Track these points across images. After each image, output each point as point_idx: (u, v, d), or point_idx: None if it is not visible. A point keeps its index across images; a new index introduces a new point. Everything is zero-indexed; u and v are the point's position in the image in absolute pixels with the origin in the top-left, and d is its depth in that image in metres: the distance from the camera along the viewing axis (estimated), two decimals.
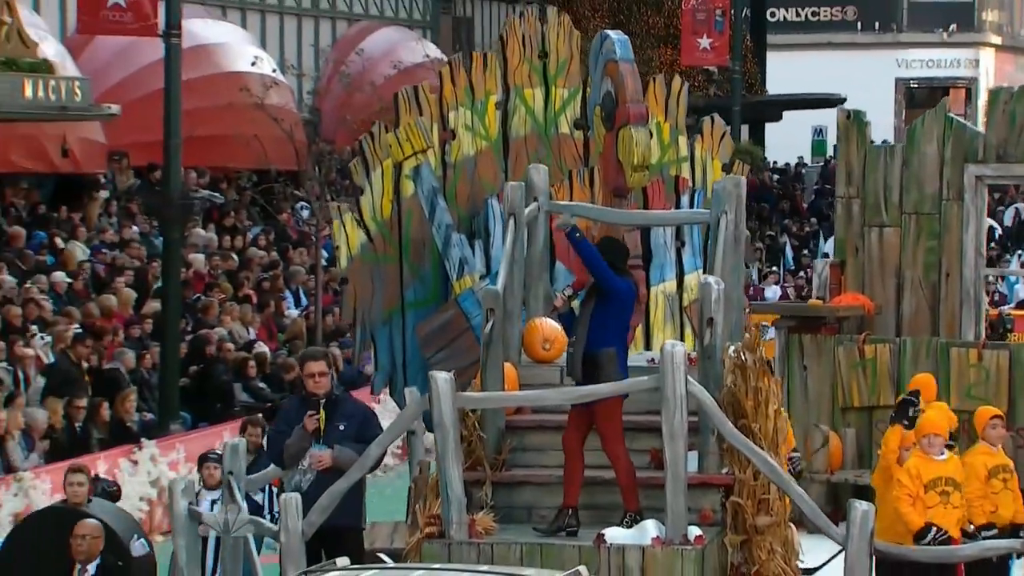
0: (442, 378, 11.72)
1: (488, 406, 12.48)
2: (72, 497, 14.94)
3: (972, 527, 13.74)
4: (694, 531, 11.65)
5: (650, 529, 11.66)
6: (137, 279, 28.07)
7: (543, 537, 12.02)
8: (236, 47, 32.82)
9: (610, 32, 13.61)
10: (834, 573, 13.26)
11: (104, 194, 30.84)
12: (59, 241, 28.59)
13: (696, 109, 41.91)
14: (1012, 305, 32.24)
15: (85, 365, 24.23)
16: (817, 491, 17.03)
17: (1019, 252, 39.71)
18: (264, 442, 16.54)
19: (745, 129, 44.04)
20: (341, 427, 12.98)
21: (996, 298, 32.83)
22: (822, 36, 55.78)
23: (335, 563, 11.03)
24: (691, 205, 15.19)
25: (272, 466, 13.99)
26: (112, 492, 16.36)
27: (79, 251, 28.54)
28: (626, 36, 13.72)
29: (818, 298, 19.27)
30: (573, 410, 12.25)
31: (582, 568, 10.69)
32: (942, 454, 13.35)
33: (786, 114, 47.28)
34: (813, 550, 13.45)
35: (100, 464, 21.68)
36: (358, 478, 12.32)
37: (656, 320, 14.24)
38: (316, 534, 12.11)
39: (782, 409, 14.82)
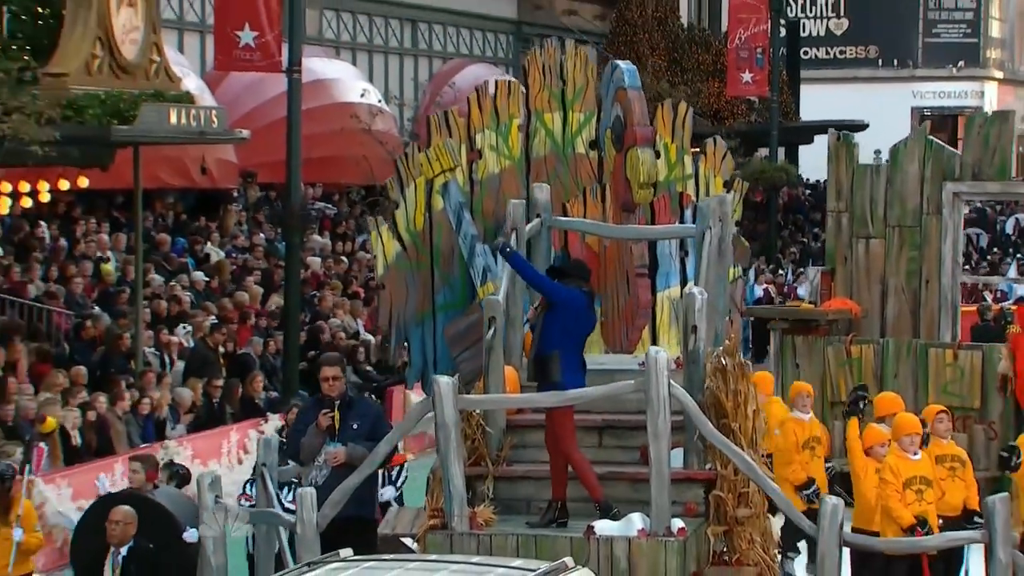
0: (444, 381, 11.25)
1: (486, 407, 11.99)
2: (133, 483, 14.62)
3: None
4: (677, 523, 11.12)
5: (636, 521, 11.14)
6: (264, 278, 28.29)
7: (536, 529, 11.50)
8: (347, 81, 33.00)
9: (619, 62, 13.46)
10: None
11: (236, 206, 31.13)
12: (198, 246, 28.98)
13: (739, 133, 42.47)
14: (1011, 301, 31.98)
15: (221, 350, 24.56)
16: None
17: (1019, 256, 39.49)
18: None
19: (782, 151, 43.96)
20: (354, 426, 12.38)
21: (998, 295, 32.59)
22: (848, 71, 55.51)
23: (338, 554, 10.25)
24: (694, 219, 14.65)
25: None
26: (183, 475, 15.56)
27: (215, 254, 28.91)
28: (634, 66, 13.64)
29: (810, 302, 19.09)
30: (546, 414, 11.76)
31: (568, 559, 9.96)
32: (916, 454, 12.81)
33: (817, 137, 46.85)
34: None
35: (232, 435, 21.94)
36: (369, 473, 11.81)
37: (662, 323, 13.63)
38: (331, 525, 11.65)
39: (761, 409, 14.65)
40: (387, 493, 15.29)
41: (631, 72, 13.30)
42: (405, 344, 13.19)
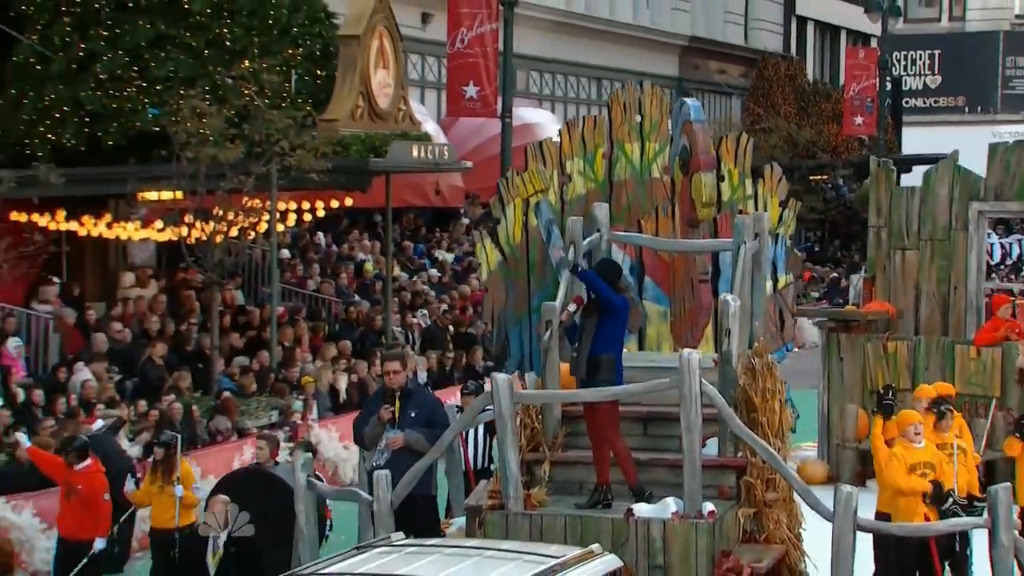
0: (502, 379, 10.26)
1: (537, 402, 11.00)
2: (259, 459, 13.93)
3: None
4: (708, 507, 10.12)
5: (670, 505, 10.13)
6: None
7: (582, 510, 10.43)
8: (547, 125, 33.01)
9: (687, 99, 12.75)
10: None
11: (463, 221, 31.48)
12: (434, 250, 29.37)
13: (853, 164, 42.17)
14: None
15: (450, 330, 24.87)
16: (850, 456, 16.08)
17: None
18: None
19: None
20: (412, 414, 11.35)
21: None
22: (941, 116, 54.25)
23: (389, 537, 9.39)
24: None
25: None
26: (314, 451, 14.58)
27: (445, 256, 29.30)
28: (699, 102, 13.06)
29: (853, 305, 18.15)
30: (588, 407, 10.64)
31: (595, 546, 9.15)
32: (920, 443, 11.83)
33: (915, 168, 46.41)
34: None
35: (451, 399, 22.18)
36: (436, 457, 10.75)
37: (722, 324, 13.04)
38: (407, 503, 10.74)
39: (787, 405, 13.48)
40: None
41: (696, 108, 12.57)
42: (506, 339, 12.26)
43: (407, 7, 27.51)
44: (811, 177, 40.68)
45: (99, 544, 13.01)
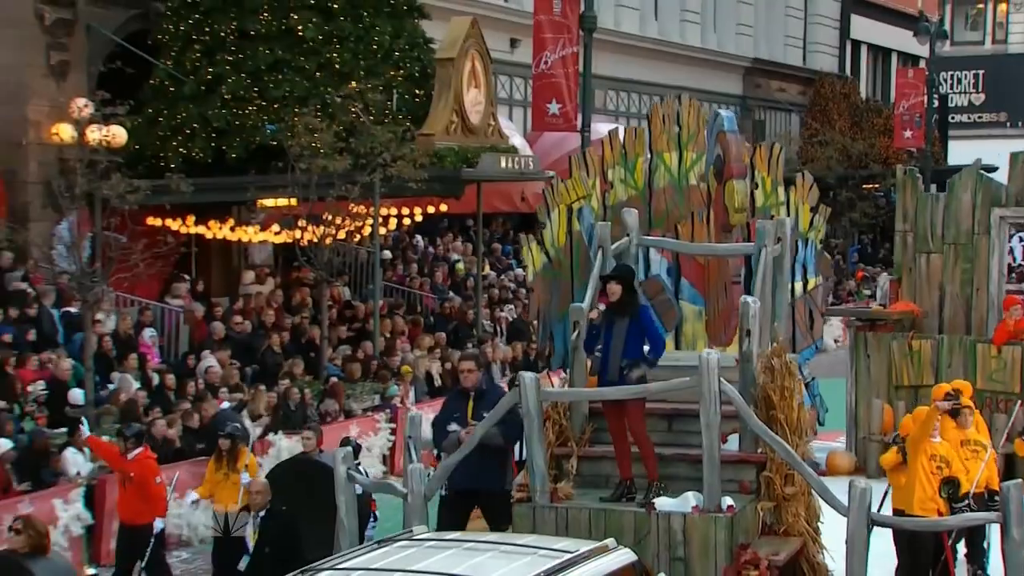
0: (529, 377, 9.60)
1: (563, 399, 10.34)
2: (306, 448, 13.25)
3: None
4: (727, 501, 9.49)
5: (690, 499, 9.51)
6: None
7: (607, 503, 9.76)
8: None
9: (721, 111, 12.16)
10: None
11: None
12: (520, 252, 29.34)
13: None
14: None
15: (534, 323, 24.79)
16: (875, 448, 15.26)
17: None
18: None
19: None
20: (484, 413, 10.16)
21: None
22: (984, 131, 53.45)
23: (412, 531, 8.73)
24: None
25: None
26: (357, 446, 13.46)
27: None
28: (732, 114, 12.35)
29: (880, 305, 17.38)
30: (611, 406, 9.94)
31: (610, 540, 8.42)
32: (936, 438, 11.05)
33: None
34: None
35: (543, 383, 21.92)
36: (467, 452, 9.87)
37: (742, 325, 11.99)
38: (471, 495, 10.20)
39: (815, 400, 13.23)
40: None
41: (730, 119, 11.94)
42: (551, 337, 11.79)
43: (497, 33, 27.59)
44: (864, 186, 40.22)
45: (158, 524, 12.48)
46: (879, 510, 10.19)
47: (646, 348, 9.89)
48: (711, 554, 9.26)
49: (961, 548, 11.72)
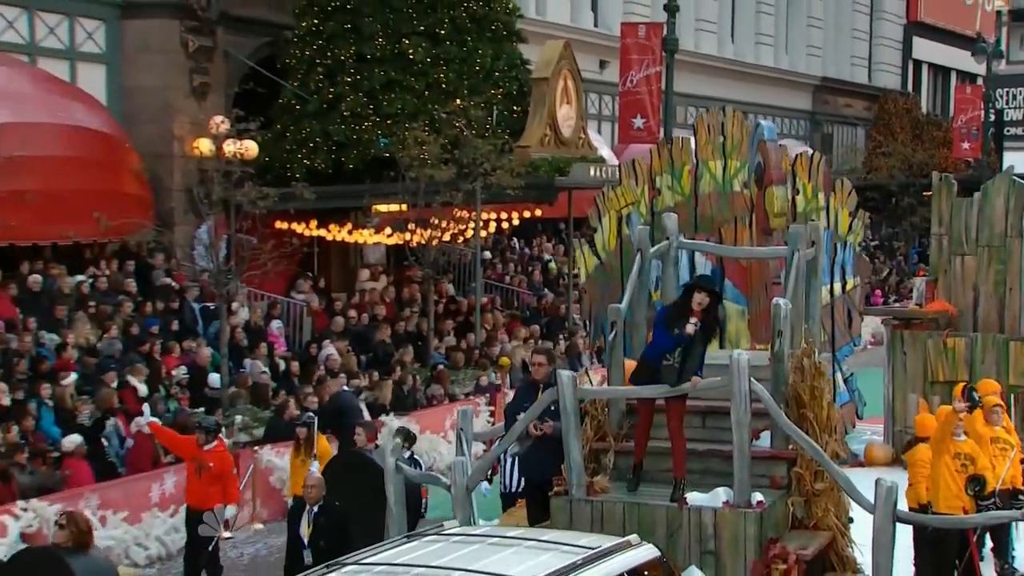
0: (567, 375, 9.01)
1: (598, 396, 9.79)
2: (358, 444, 12.45)
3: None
4: (756, 497, 8.89)
5: (721, 495, 8.93)
6: None
7: (638, 497, 9.10)
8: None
9: (761, 121, 11.91)
10: None
11: None
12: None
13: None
14: None
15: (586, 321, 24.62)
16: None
17: None
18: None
19: None
20: (553, 407, 9.30)
21: None
22: None
23: (443, 525, 8.11)
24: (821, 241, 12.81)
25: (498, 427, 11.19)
26: (413, 436, 12.76)
27: None
28: (772, 124, 12.17)
29: (916, 305, 16.41)
30: (645, 404, 9.31)
31: (633, 536, 7.74)
32: (961, 436, 10.22)
33: None
34: None
35: (582, 380, 21.02)
36: (506, 447, 9.51)
37: (774, 326, 10.66)
38: (539, 485, 9.59)
39: (854, 394, 12.56)
40: (483, 486, 12.44)
41: (770, 129, 11.69)
42: (602, 334, 11.13)
43: (587, 55, 27.55)
44: (924, 193, 39.36)
45: (230, 511, 11.79)
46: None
47: None
48: (740, 548, 8.74)
49: (987, 543, 11.04)
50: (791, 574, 8.57)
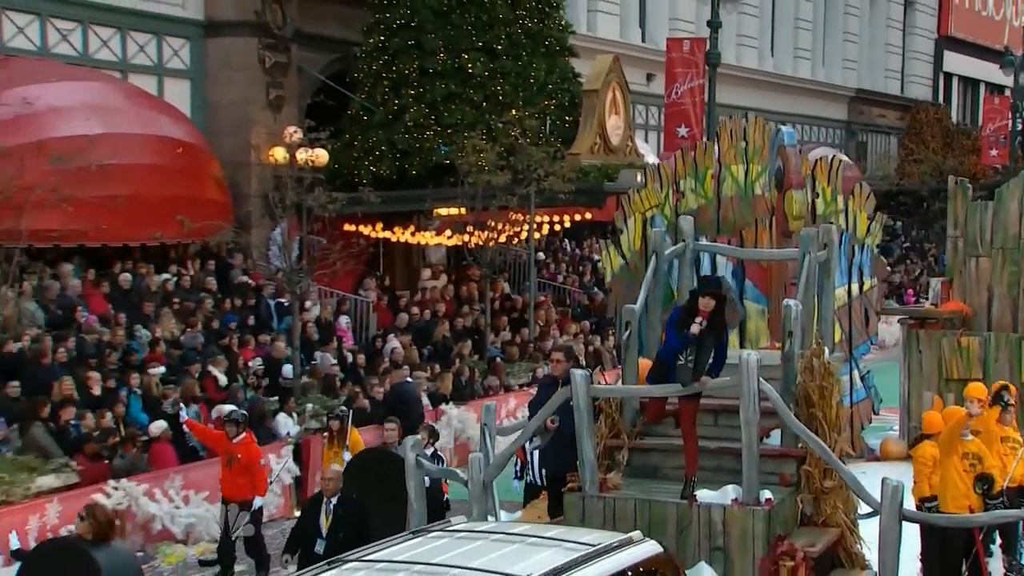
0: (579, 374, 8.61)
1: (612, 395, 9.37)
2: (387, 440, 11.76)
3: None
4: (765, 494, 8.47)
5: (730, 492, 8.53)
6: None
7: (650, 494, 8.71)
8: None
9: (782, 127, 11.44)
10: None
11: None
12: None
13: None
14: None
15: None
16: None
17: None
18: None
19: None
20: (571, 402, 8.75)
21: None
22: None
23: (450, 521, 7.67)
24: (839, 244, 11.95)
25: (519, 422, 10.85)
26: (435, 433, 12.52)
27: None
28: (793, 130, 11.72)
29: (932, 305, 16.00)
30: (657, 402, 9.02)
31: (636, 533, 7.13)
32: (968, 436, 9.68)
33: None
34: None
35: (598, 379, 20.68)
36: (521, 443, 9.18)
37: (785, 327, 10.10)
38: (557, 479, 9.30)
39: (870, 391, 12.09)
40: (513, 484, 12.16)
41: (791, 134, 11.26)
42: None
43: (634, 68, 27.40)
44: None
45: (258, 502, 11.53)
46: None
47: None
48: (749, 545, 8.35)
49: (996, 539, 10.50)
50: (799, 570, 8.20)
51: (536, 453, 10.16)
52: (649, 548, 6.97)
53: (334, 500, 9.67)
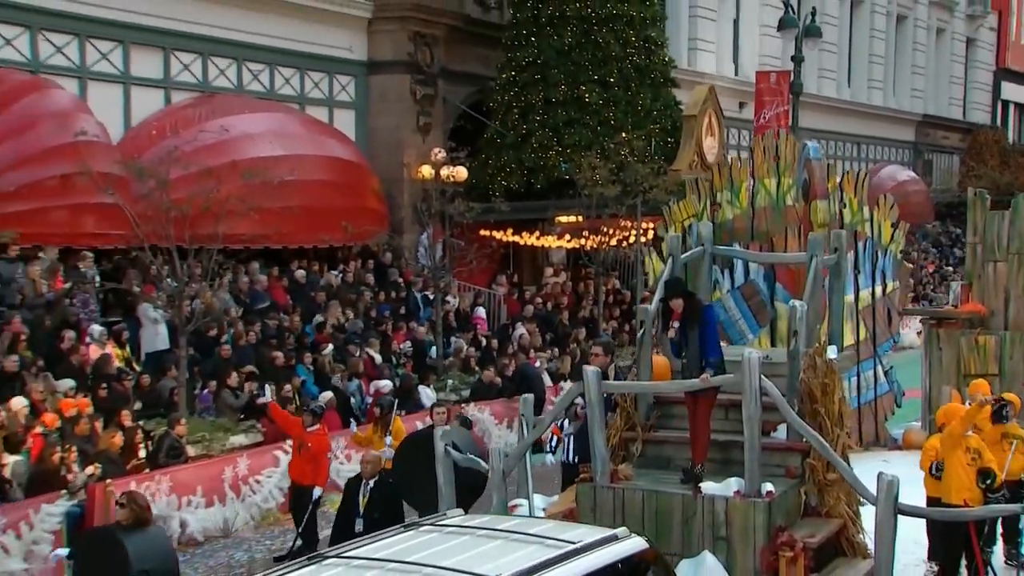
0: (592, 370, 7.82)
1: (623, 391, 8.49)
2: (436, 422, 10.46)
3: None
4: (767, 487, 7.61)
5: (733, 484, 7.68)
6: None
7: (658, 486, 7.88)
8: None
9: (808, 142, 10.73)
10: None
11: None
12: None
13: (1011, 194, 37.68)
14: None
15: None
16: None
17: None
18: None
19: None
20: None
21: None
22: None
23: (446, 514, 6.28)
24: (863, 250, 11.27)
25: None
26: (468, 421, 11.81)
27: None
28: (817, 143, 11.06)
29: (952, 306, 14.66)
30: (690, 399, 8.00)
31: (622, 529, 5.94)
32: (969, 432, 8.55)
33: None
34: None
35: None
36: (539, 434, 8.36)
37: (790, 326, 9.24)
38: (572, 468, 8.77)
39: (846, 398, 11.36)
40: (547, 458, 11.59)
41: (815, 148, 10.60)
42: None
43: (729, 97, 26.81)
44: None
45: (317, 492, 10.40)
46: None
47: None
48: (750, 535, 7.53)
49: (998, 529, 9.25)
50: (797, 560, 7.40)
51: (571, 437, 9.51)
52: (634, 544, 5.84)
53: (371, 482, 9.00)
